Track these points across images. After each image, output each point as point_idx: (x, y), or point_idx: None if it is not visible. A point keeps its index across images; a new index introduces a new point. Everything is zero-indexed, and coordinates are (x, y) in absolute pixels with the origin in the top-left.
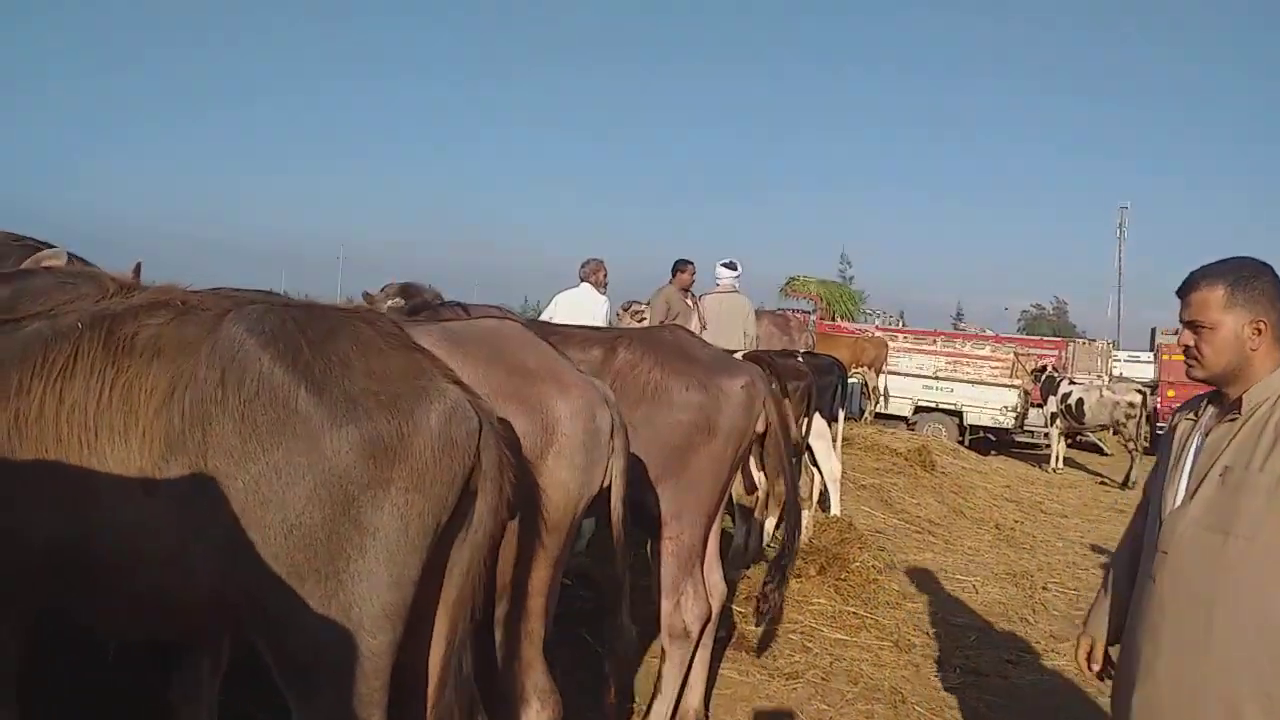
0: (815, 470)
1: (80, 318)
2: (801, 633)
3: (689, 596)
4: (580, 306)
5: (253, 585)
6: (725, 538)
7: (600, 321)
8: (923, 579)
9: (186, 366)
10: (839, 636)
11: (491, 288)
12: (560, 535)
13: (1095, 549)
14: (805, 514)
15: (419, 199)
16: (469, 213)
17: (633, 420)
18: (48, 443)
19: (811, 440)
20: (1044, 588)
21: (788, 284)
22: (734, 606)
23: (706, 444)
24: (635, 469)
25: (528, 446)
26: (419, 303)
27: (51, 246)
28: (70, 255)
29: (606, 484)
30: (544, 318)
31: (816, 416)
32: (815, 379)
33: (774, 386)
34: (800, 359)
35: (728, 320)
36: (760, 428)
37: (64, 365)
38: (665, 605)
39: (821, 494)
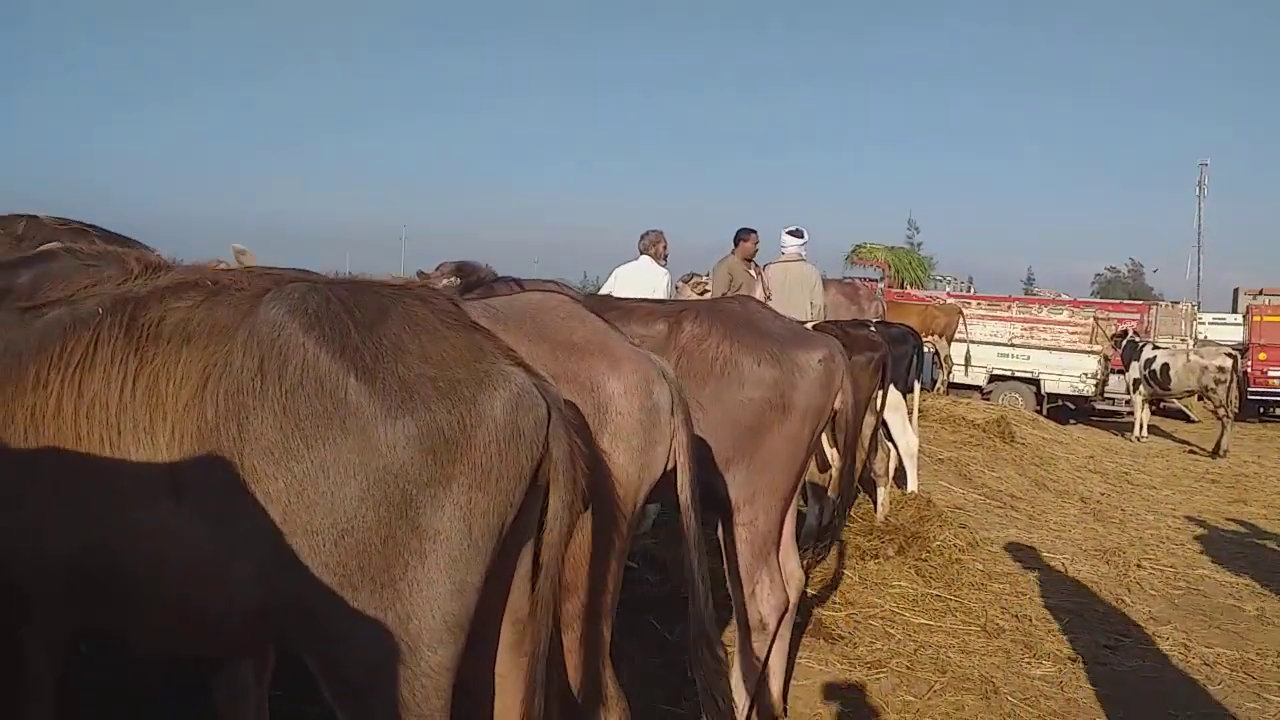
0: (891, 445)
1: (101, 303)
2: (882, 618)
3: (765, 586)
4: (640, 280)
5: (300, 598)
6: (798, 518)
7: (661, 295)
8: (1008, 558)
9: (219, 354)
10: (922, 621)
11: (552, 265)
12: (621, 526)
13: (1191, 521)
14: (881, 491)
15: (480, 176)
16: (528, 189)
17: (700, 398)
18: (67, 441)
19: (886, 414)
20: (1138, 565)
21: (854, 251)
22: (809, 590)
23: (781, 423)
24: (703, 450)
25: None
26: (473, 280)
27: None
28: (101, 232)
29: (670, 466)
30: (603, 293)
31: (891, 389)
32: (890, 349)
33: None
34: (873, 329)
35: (794, 290)
36: (838, 404)
37: (83, 356)
38: (740, 595)
39: (898, 469)
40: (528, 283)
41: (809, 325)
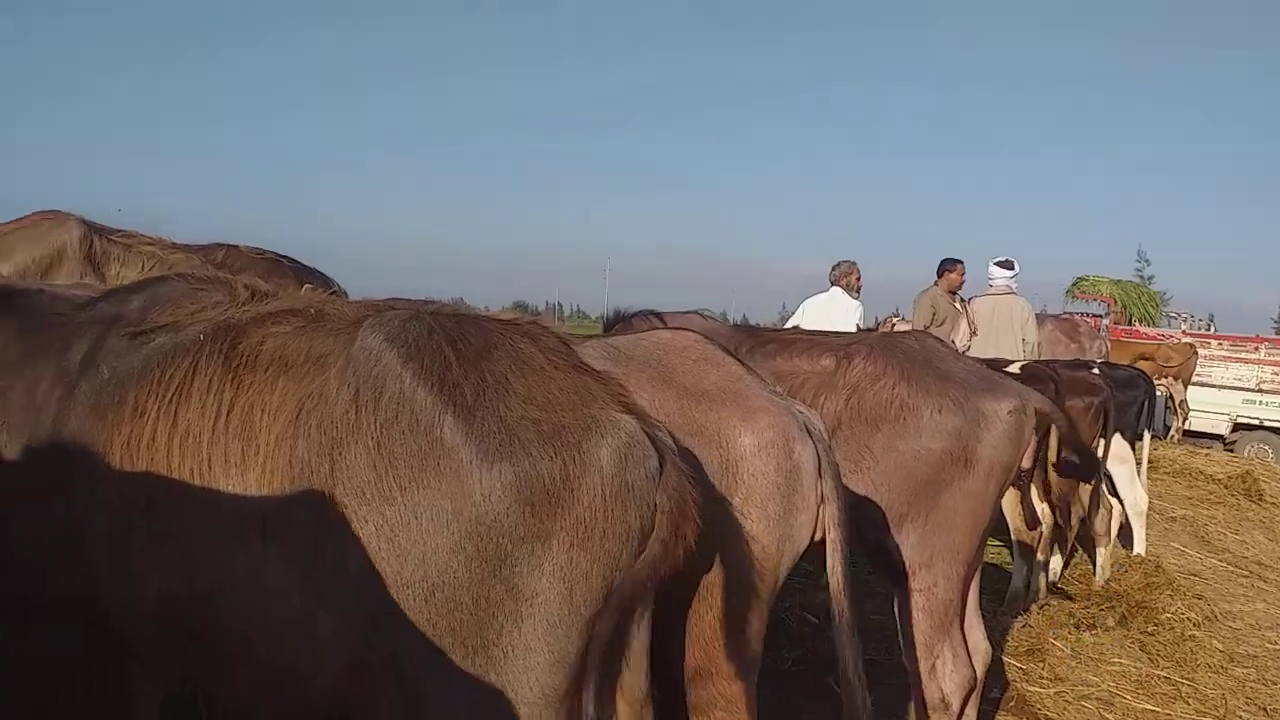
0: (1115, 501)
1: (203, 329)
2: (1099, 700)
3: (947, 661)
4: (829, 313)
5: (389, 659)
6: (1003, 578)
7: (851, 329)
8: (1254, 637)
9: (315, 384)
10: (1147, 707)
11: (750, 296)
12: (758, 603)
13: None
14: (1102, 552)
15: (684, 206)
16: (731, 221)
17: (870, 445)
18: (160, 472)
19: (1110, 465)
20: None
21: (1075, 285)
22: (1011, 660)
23: (962, 478)
24: (873, 506)
25: (707, 490)
26: (612, 315)
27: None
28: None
29: (818, 539)
30: (790, 325)
31: (1117, 438)
32: (1114, 393)
33: (1061, 402)
34: (1095, 370)
35: (1003, 325)
36: (1027, 462)
37: (180, 384)
38: (917, 671)
39: (1122, 528)
40: (669, 316)
41: (1019, 364)
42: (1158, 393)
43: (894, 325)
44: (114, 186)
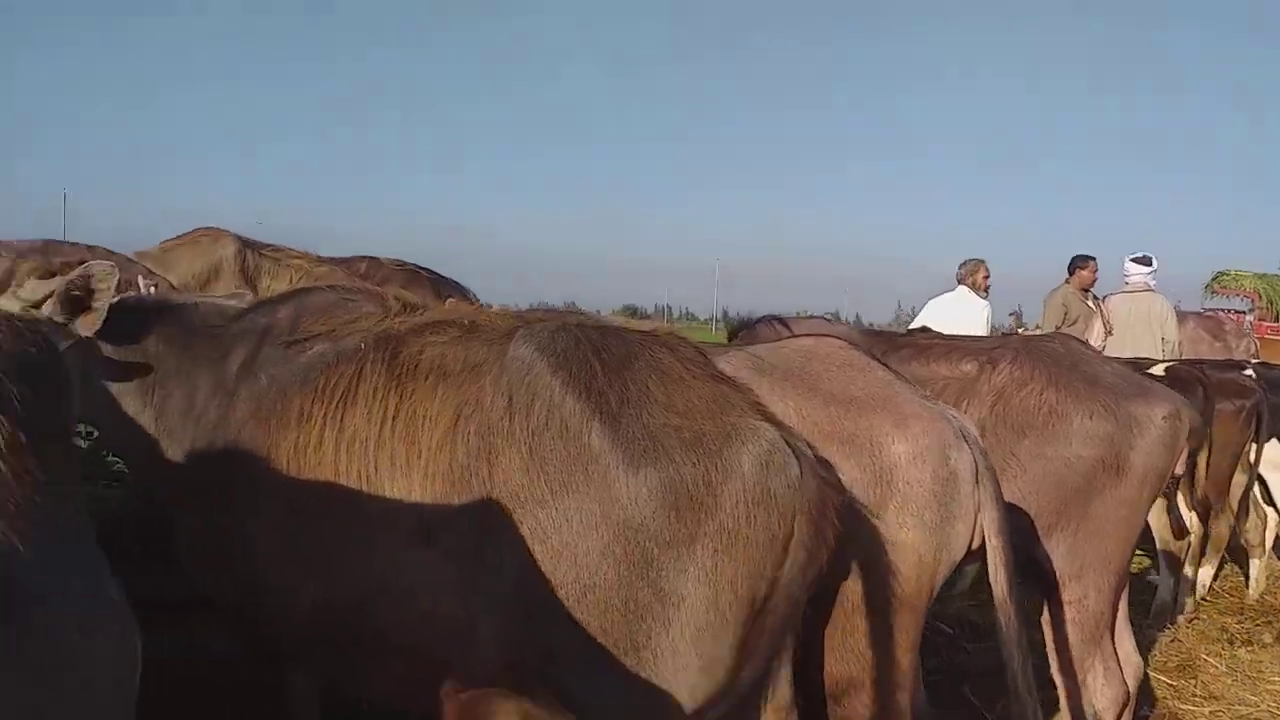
0: (1270, 509)
1: (364, 339)
2: None
3: (1099, 675)
4: (955, 314)
5: (543, 657)
6: (1147, 589)
7: (979, 331)
8: None
9: (471, 392)
10: None
11: (864, 296)
12: (913, 613)
13: None
14: (1256, 564)
15: (793, 203)
16: (848, 222)
17: (1018, 452)
18: (326, 476)
19: (1263, 471)
20: None
21: (1215, 279)
22: (1160, 677)
23: (1114, 486)
24: (1021, 515)
25: (858, 500)
26: (737, 323)
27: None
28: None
29: (976, 545)
30: (915, 327)
31: (1272, 443)
32: (1267, 396)
33: (1211, 405)
34: (1247, 371)
35: (1139, 324)
36: (1180, 469)
37: (346, 390)
38: (1068, 685)
39: (1277, 538)
40: (793, 322)
41: (1162, 365)
42: None
43: (1020, 327)
44: (251, 198)
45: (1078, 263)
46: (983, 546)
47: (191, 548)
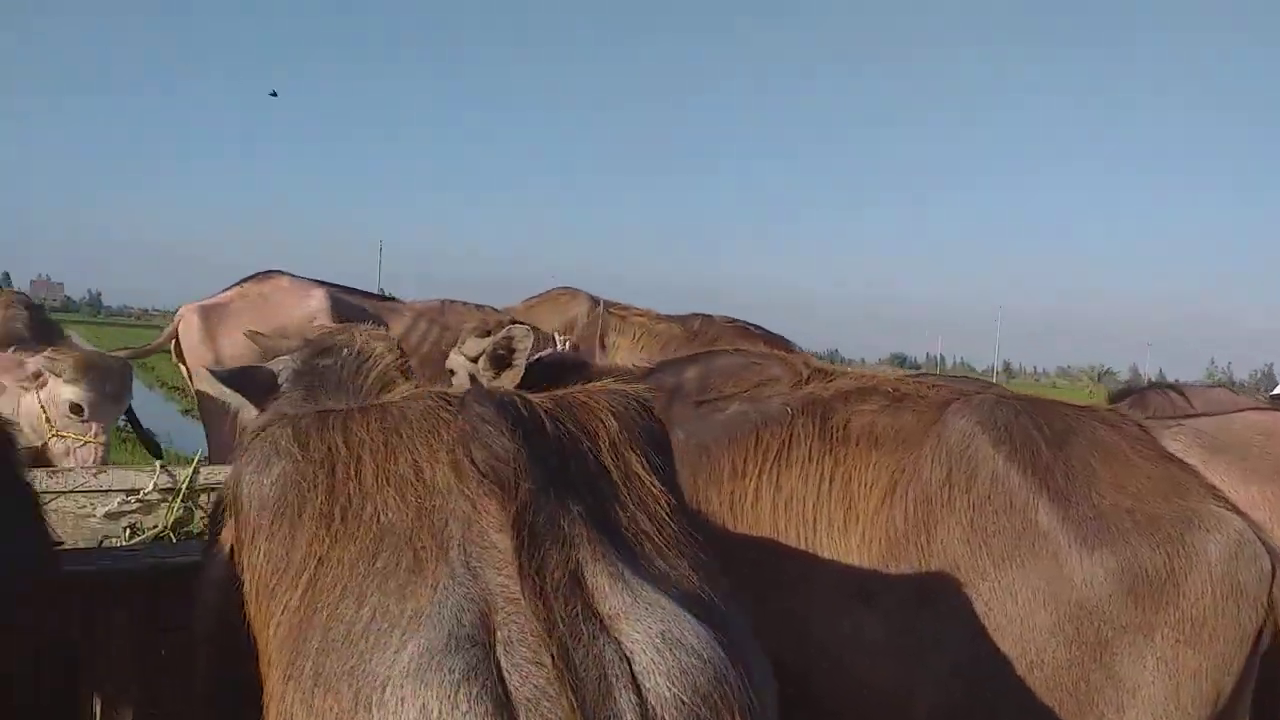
0: None
1: (788, 402)
2: None
3: None
4: None
5: None
6: None
7: None
8: None
9: (908, 460)
10: None
11: (1168, 350)
12: None
13: None
14: None
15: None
16: (1150, 264)
17: None
18: (763, 531)
19: None
20: None
21: None
22: None
23: None
24: None
25: None
26: (1121, 389)
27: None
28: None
29: None
30: None
31: None
32: None
33: None
34: None
35: None
36: None
37: (779, 451)
38: None
39: None
40: (1191, 391)
41: None
42: None
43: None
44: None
45: None
46: None
47: None
